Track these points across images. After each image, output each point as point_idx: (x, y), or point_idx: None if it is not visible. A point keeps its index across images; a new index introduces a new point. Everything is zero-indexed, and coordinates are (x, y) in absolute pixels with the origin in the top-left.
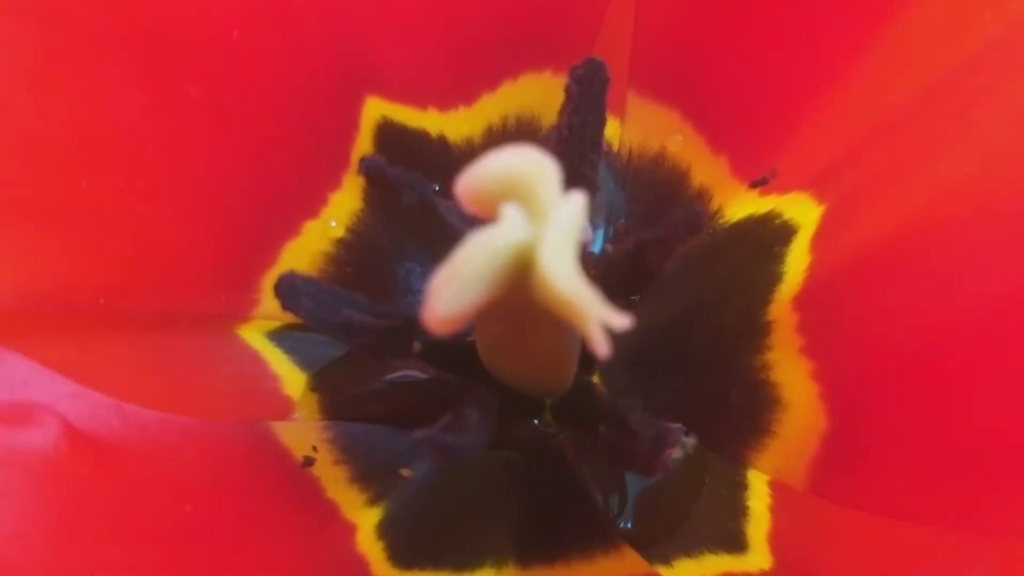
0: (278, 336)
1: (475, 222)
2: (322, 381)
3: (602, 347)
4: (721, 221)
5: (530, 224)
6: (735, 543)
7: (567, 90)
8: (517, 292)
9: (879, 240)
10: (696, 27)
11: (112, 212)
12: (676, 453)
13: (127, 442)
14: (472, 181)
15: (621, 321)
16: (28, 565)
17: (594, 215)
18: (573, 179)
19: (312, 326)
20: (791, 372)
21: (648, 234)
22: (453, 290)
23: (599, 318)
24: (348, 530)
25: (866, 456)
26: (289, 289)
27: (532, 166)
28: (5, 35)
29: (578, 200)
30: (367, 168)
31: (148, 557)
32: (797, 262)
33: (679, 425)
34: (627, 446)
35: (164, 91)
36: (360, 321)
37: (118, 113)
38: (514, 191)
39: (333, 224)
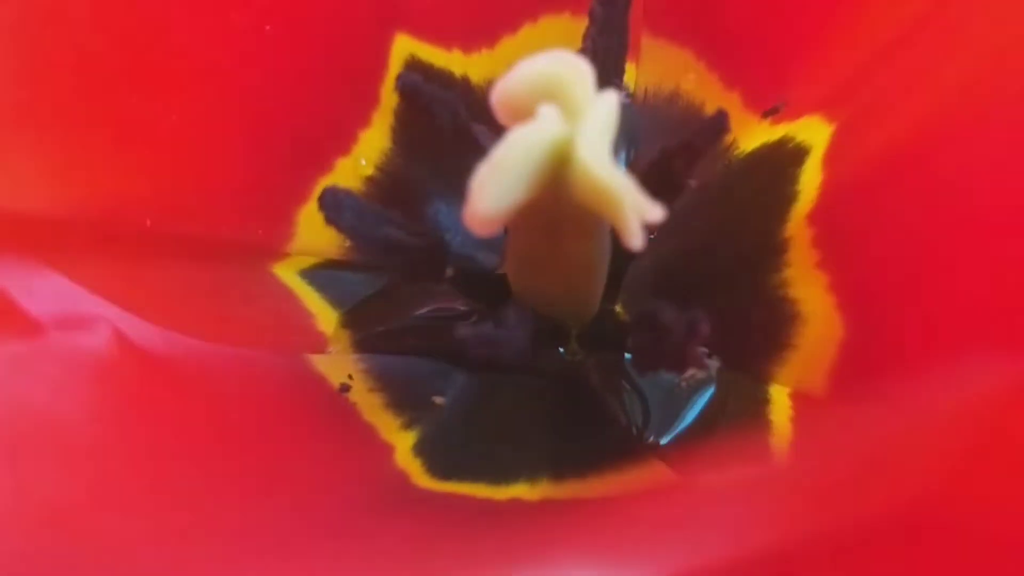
0: (311, 274)
1: None
2: (354, 318)
3: (637, 238)
4: (736, 152)
5: (567, 121)
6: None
7: (591, 12)
8: (555, 190)
9: (888, 151)
10: None
11: (162, 134)
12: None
13: (172, 360)
14: (508, 85)
15: (655, 211)
16: (91, 449)
17: (615, 148)
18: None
19: (352, 240)
20: (808, 286)
21: (672, 141)
22: (494, 186)
23: (635, 207)
24: (386, 449)
25: (881, 356)
26: (333, 201)
27: (567, 67)
28: None
29: (612, 97)
30: (404, 84)
31: (204, 456)
32: (810, 181)
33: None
34: (659, 343)
35: (213, 17)
36: (398, 237)
37: (169, 34)
38: (549, 92)
39: (363, 162)
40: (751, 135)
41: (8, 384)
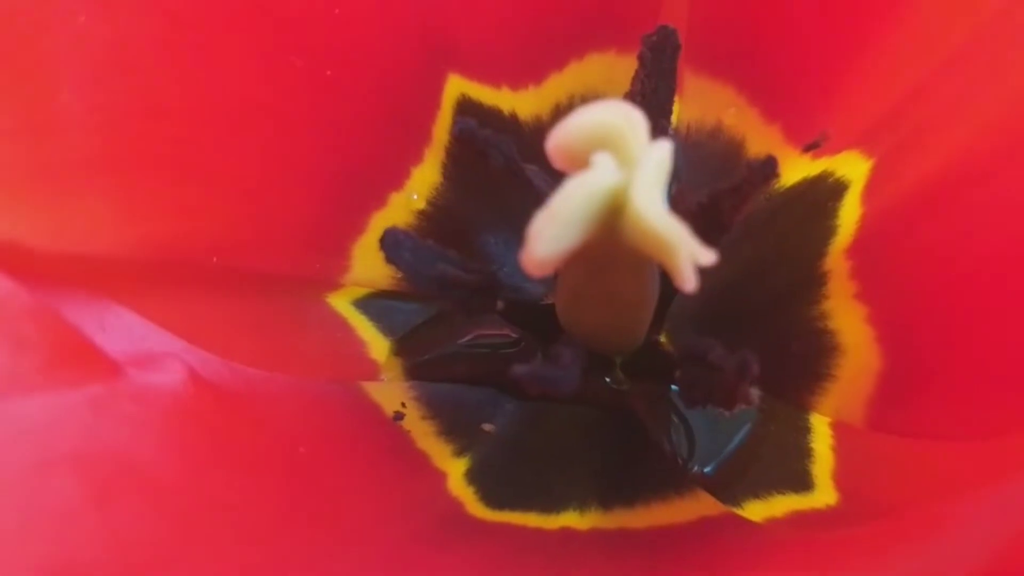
0: (363, 304)
1: (557, 185)
2: (405, 346)
3: (690, 281)
4: (777, 186)
5: (621, 169)
6: (801, 483)
7: (640, 57)
8: (608, 236)
9: (925, 184)
10: (745, 4)
11: (227, 174)
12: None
13: (240, 392)
14: (564, 134)
15: (708, 256)
16: (171, 488)
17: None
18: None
19: (409, 277)
20: (847, 318)
21: (722, 184)
22: (551, 231)
23: (689, 252)
24: (440, 477)
25: (919, 387)
26: (393, 242)
27: (621, 116)
28: (141, 1)
29: (665, 146)
30: (461, 130)
31: (276, 490)
32: (849, 215)
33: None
34: (708, 381)
35: (273, 61)
36: (453, 275)
37: (236, 81)
38: (604, 141)
39: (415, 197)
40: (792, 169)
41: (92, 427)
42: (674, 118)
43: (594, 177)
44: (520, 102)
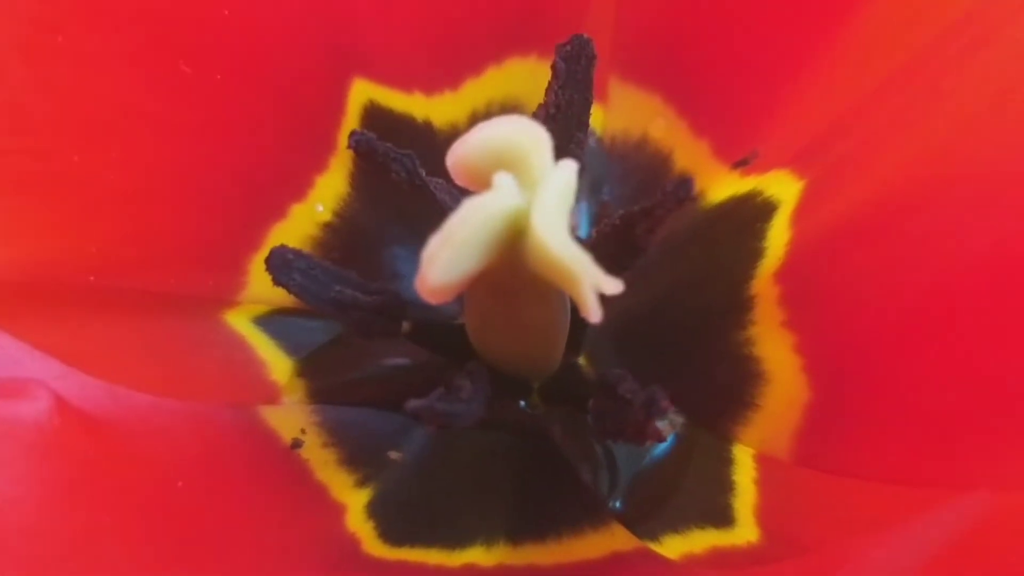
0: (264, 321)
1: (464, 199)
2: (309, 366)
3: (595, 312)
4: (704, 203)
5: (523, 191)
6: (722, 518)
7: (554, 67)
8: (510, 261)
9: (857, 211)
10: (676, 12)
11: (103, 188)
12: (665, 422)
13: (118, 421)
14: (464, 151)
15: (613, 285)
16: (24, 530)
17: (580, 197)
18: (561, 157)
19: (303, 301)
20: (774, 346)
21: (635, 206)
22: (447, 257)
23: (592, 281)
24: (338, 510)
25: (848, 423)
26: (281, 263)
27: (524, 134)
28: (3, 3)
29: (570, 167)
30: (357, 142)
31: (140, 528)
32: (778, 237)
33: (665, 393)
34: (618, 414)
35: (157, 68)
36: (351, 297)
37: (111, 88)
38: (506, 160)
39: (320, 208)
40: (720, 185)
41: None
42: (599, 128)
43: (492, 199)
44: (434, 109)
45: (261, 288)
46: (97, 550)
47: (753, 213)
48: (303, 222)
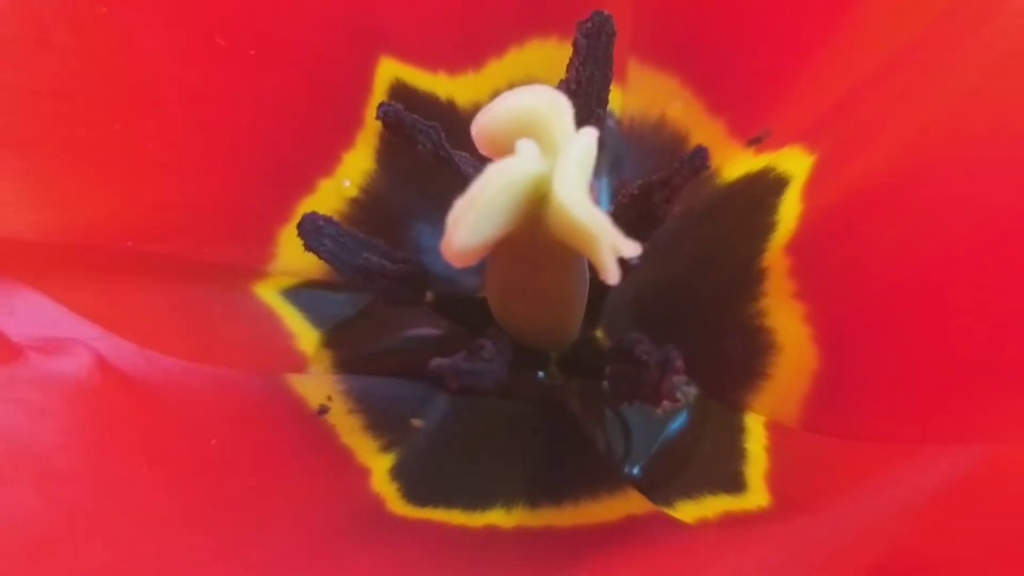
0: (292, 294)
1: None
2: (335, 337)
3: (613, 275)
4: (719, 180)
5: (545, 157)
6: (734, 484)
7: (575, 44)
8: (532, 225)
9: (865, 183)
10: None
11: (142, 156)
12: (681, 389)
13: (152, 381)
14: (488, 119)
15: (631, 248)
16: (70, 475)
17: (600, 175)
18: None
19: (333, 266)
20: (785, 317)
21: (653, 176)
22: (471, 221)
23: (611, 243)
24: (363, 473)
25: (854, 388)
26: (312, 228)
27: (546, 103)
28: None
29: (591, 134)
30: (385, 113)
31: (178, 480)
32: (789, 211)
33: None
34: (634, 375)
35: (193, 40)
36: (378, 264)
37: (151, 59)
38: (528, 127)
39: (347, 184)
40: (735, 163)
41: None
42: (618, 110)
43: (515, 164)
44: (458, 88)
45: (290, 260)
46: (135, 496)
47: (766, 188)
48: (331, 197)
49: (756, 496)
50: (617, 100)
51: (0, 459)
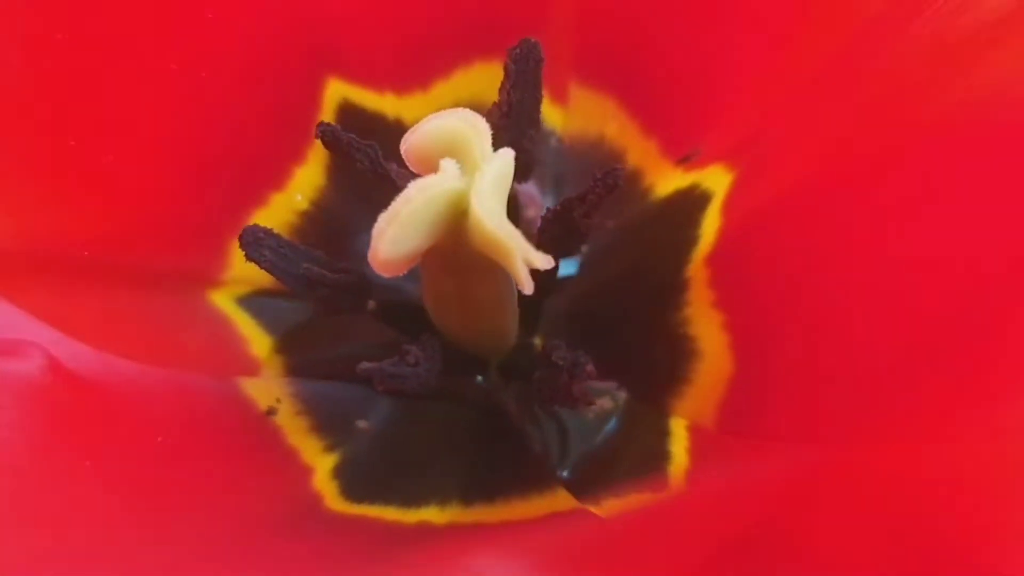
0: (246, 301)
1: None
2: (287, 343)
3: (527, 284)
4: (652, 197)
5: (464, 175)
6: (658, 484)
7: (505, 68)
8: (454, 238)
9: (779, 199)
10: (627, 26)
11: (99, 169)
12: (596, 386)
13: (105, 383)
14: (414, 139)
15: (543, 260)
16: (11, 468)
17: (544, 190)
18: (516, 151)
19: (274, 276)
20: (705, 325)
21: (572, 193)
22: (393, 232)
23: (523, 255)
24: (306, 471)
25: (766, 392)
26: (252, 240)
27: (467, 125)
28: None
29: (507, 155)
30: (323, 132)
31: (121, 475)
32: (711, 225)
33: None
34: (552, 380)
35: (147, 61)
36: (318, 274)
37: (108, 79)
38: (451, 147)
39: (299, 198)
40: (666, 181)
41: None
42: (559, 129)
43: (435, 181)
44: (405, 108)
45: (243, 269)
46: (76, 490)
47: (692, 204)
48: (282, 210)
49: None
50: (559, 119)
51: None
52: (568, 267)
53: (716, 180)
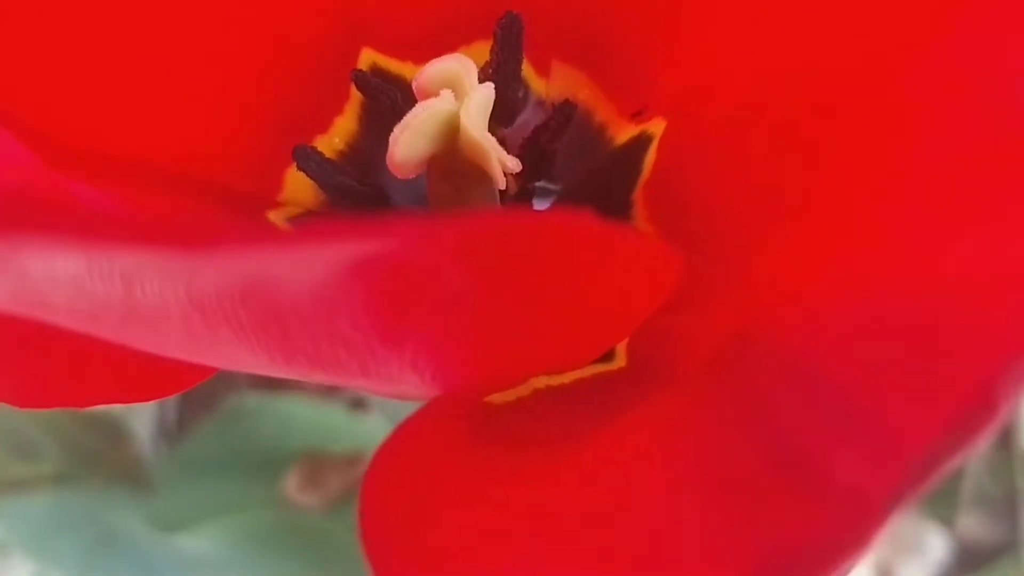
0: (295, 220)
1: None
2: None
3: (502, 181)
4: (612, 145)
5: (457, 100)
6: (606, 357)
7: (493, 35)
8: (450, 148)
9: (698, 135)
10: (590, 14)
11: (167, 112)
12: None
13: None
14: (423, 75)
15: (513, 163)
16: None
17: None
18: (503, 101)
19: (315, 182)
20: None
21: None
22: (406, 138)
23: (498, 157)
24: None
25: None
26: (303, 155)
27: (459, 65)
28: None
29: (488, 87)
30: (357, 77)
31: None
32: (649, 160)
33: None
34: None
35: (209, 41)
36: (349, 185)
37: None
38: (448, 82)
39: (336, 140)
40: (623, 133)
41: None
42: (543, 95)
43: (436, 103)
44: None
45: (293, 192)
46: None
47: (639, 147)
48: (325, 148)
49: (618, 362)
50: (543, 88)
51: None
52: (543, 205)
53: (656, 128)
